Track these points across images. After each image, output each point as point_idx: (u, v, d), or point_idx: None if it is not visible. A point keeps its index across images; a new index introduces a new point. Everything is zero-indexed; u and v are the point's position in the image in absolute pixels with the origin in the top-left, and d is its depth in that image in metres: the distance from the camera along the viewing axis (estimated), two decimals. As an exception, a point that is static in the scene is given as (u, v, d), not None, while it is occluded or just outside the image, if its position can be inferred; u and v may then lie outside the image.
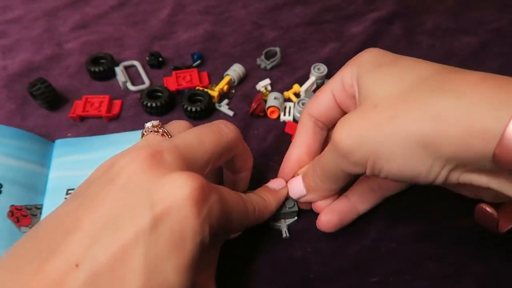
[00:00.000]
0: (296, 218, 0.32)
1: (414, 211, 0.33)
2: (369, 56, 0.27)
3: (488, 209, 0.24)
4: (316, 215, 0.33)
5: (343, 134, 0.24)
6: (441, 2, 0.55)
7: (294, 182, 0.31)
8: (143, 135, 0.27)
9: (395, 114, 0.22)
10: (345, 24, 0.52)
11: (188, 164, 0.23)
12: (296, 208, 0.32)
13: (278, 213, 0.31)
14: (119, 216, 0.19)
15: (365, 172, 0.25)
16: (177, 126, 0.28)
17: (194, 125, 0.40)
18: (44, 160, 0.36)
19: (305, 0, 0.56)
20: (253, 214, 0.28)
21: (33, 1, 0.55)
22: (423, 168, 0.22)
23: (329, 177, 0.28)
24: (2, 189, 0.32)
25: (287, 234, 0.31)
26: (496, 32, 0.51)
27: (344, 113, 0.30)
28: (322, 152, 0.28)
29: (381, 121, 0.23)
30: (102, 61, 0.45)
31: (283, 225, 0.32)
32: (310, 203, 0.32)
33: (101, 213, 0.20)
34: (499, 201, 0.25)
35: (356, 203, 0.31)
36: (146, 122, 0.41)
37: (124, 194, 0.20)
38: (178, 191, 0.20)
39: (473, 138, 0.20)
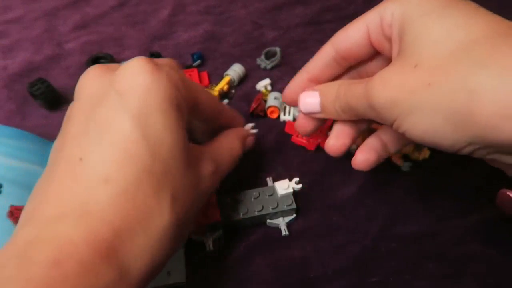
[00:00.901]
0: (294, 215, 0.32)
1: (414, 211, 0.33)
2: None
3: (511, 194, 0.24)
4: (316, 214, 0.33)
5: (378, 90, 0.23)
6: (441, 2, 0.55)
7: (309, 96, 0.29)
8: None
9: (432, 81, 0.21)
10: (345, 24, 0.52)
11: None
12: (294, 206, 0.32)
13: (276, 211, 0.31)
14: (95, 108, 0.22)
15: (390, 126, 0.24)
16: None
17: (194, 125, 0.40)
18: (44, 160, 0.36)
19: (305, 0, 0.56)
20: (221, 107, 0.30)
21: (33, 1, 0.55)
22: (447, 140, 0.22)
23: (351, 112, 0.26)
24: (2, 189, 0.32)
25: (286, 232, 0.31)
26: (496, 32, 0.51)
27: (374, 52, 0.28)
28: (354, 86, 0.26)
29: (417, 85, 0.22)
30: (102, 61, 0.45)
31: (282, 223, 0.32)
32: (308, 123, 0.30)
33: (80, 115, 0.23)
34: None
35: (387, 142, 0.29)
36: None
37: (91, 94, 0.23)
38: (131, 67, 0.23)
39: (507, 121, 0.19)
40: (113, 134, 0.21)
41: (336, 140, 0.29)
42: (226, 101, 0.42)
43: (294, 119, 0.40)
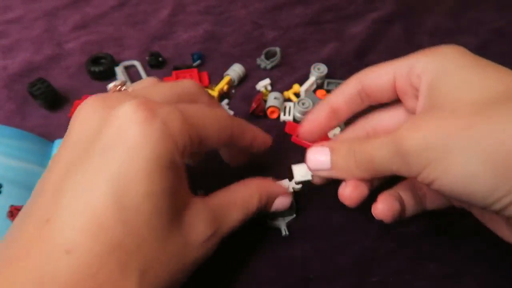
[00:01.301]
0: (294, 215, 0.32)
1: (414, 211, 0.33)
2: (451, 53, 0.24)
3: None
4: (316, 214, 0.33)
5: (411, 134, 0.22)
6: (441, 2, 0.55)
7: (319, 152, 0.27)
8: None
9: (473, 124, 0.20)
10: (345, 24, 0.52)
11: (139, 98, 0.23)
12: (294, 206, 0.31)
13: (276, 211, 0.31)
14: (76, 162, 0.20)
15: (414, 177, 0.23)
16: (142, 82, 0.28)
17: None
18: (44, 160, 0.36)
19: (305, 0, 0.56)
20: (231, 121, 0.26)
21: (33, 1, 0.55)
22: (485, 187, 0.20)
23: (370, 166, 0.25)
24: (2, 189, 0.32)
25: (286, 232, 0.31)
26: (496, 32, 0.51)
27: (395, 97, 0.28)
28: (373, 140, 0.25)
29: (455, 128, 0.21)
30: (102, 61, 0.45)
31: (282, 223, 0.32)
32: (321, 178, 0.29)
33: (58, 170, 0.21)
34: None
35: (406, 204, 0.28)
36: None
37: (78, 143, 0.21)
38: (121, 116, 0.20)
39: None
40: (86, 198, 0.19)
41: (354, 189, 0.27)
42: (226, 101, 0.42)
43: (294, 119, 0.40)
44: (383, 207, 0.27)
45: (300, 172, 0.30)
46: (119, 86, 0.26)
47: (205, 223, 0.23)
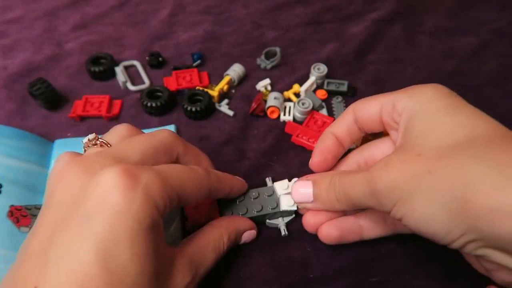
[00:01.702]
0: (294, 215, 0.32)
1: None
2: (430, 95, 0.26)
3: None
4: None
5: (382, 174, 0.24)
6: (441, 2, 0.55)
7: (302, 185, 0.30)
8: (84, 151, 0.27)
9: (432, 169, 0.22)
10: (345, 24, 0.52)
11: (119, 160, 0.24)
12: (294, 207, 0.31)
13: (276, 212, 0.31)
14: (58, 228, 0.21)
15: (387, 213, 0.25)
16: (115, 133, 0.28)
17: (194, 125, 0.40)
18: (44, 160, 0.36)
19: (305, 0, 0.56)
20: (208, 178, 0.27)
21: (33, 1, 0.55)
22: (441, 229, 0.22)
23: (348, 200, 0.27)
24: (1, 189, 0.32)
25: (286, 232, 0.31)
26: (496, 32, 0.51)
27: (381, 128, 0.30)
28: (351, 175, 0.27)
29: (418, 171, 0.23)
30: (102, 61, 0.45)
31: (282, 224, 0.32)
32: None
33: (42, 233, 0.21)
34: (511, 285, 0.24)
35: (364, 228, 0.30)
36: (146, 123, 0.41)
37: (56, 209, 0.22)
38: (103, 182, 0.21)
39: (502, 215, 0.19)
40: (72, 264, 0.19)
41: (312, 217, 0.30)
42: (226, 101, 0.42)
43: (294, 119, 0.40)
44: (324, 230, 0.30)
45: (287, 203, 0.31)
46: (94, 140, 0.26)
47: (183, 272, 0.24)
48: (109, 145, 0.26)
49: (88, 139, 0.26)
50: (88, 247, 0.19)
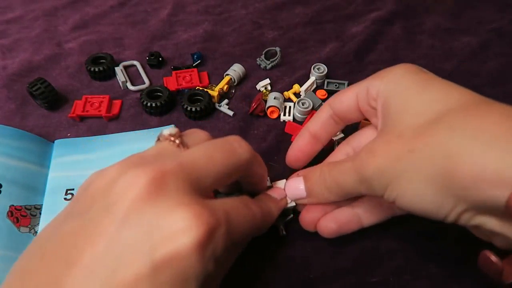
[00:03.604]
0: (292, 215, 0.32)
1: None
2: (400, 74, 0.27)
3: (492, 257, 0.23)
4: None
5: (367, 161, 0.24)
6: (441, 2, 0.55)
7: (294, 183, 0.30)
8: (158, 139, 0.25)
9: (414, 148, 0.23)
10: (345, 24, 0.52)
11: (194, 186, 0.22)
12: (293, 204, 0.31)
13: None
14: (120, 257, 0.19)
15: (381, 197, 0.25)
16: (195, 137, 0.26)
17: (194, 125, 0.40)
18: (44, 160, 0.36)
19: (305, 0, 0.56)
20: (262, 222, 0.27)
21: (33, 1, 0.55)
22: (433, 205, 0.22)
23: (340, 190, 0.27)
24: (1, 189, 0.32)
25: (284, 232, 0.31)
26: (496, 32, 0.51)
27: (363, 117, 0.30)
28: (339, 165, 0.27)
29: (401, 153, 0.23)
30: (102, 61, 0.45)
31: (280, 224, 0.32)
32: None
33: (102, 249, 0.19)
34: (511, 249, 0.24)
35: (361, 216, 0.30)
36: (146, 123, 0.41)
37: (124, 231, 0.19)
38: (182, 236, 0.19)
39: (484, 182, 0.20)
40: None
41: (307, 213, 0.30)
42: (226, 101, 0.42)
43: (294, 119, 0.40)
44: (322, 225, 0.30)
45: (280, 186, 0.31)
46: (174, 137, 0.24)
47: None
48: (185, 148, 0.24)
49: (170, 133, 0.24)
50: None
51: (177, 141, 0.24)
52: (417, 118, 0.24)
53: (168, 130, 0.25)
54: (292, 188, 0.30)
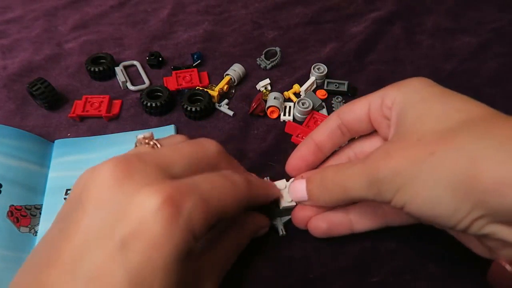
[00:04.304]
0: (291, 216, 0.32)
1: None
2: (418, 85, 0.27)
3: (508, 266, 0.22)
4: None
5: (382, 162, 0.24)
6: (441, 2, 0.55)
7: (297, 185, 0.30)
8: (135, 146, 0.27)
9: (435, 151, 0.22)
10: (345, 24, 0.52)
11: (162, 171, 0.22)
12: (293, 203, 0.31)
13: (274, 212, 0.31)
14: (92, 244, 0.20)
15: (386, 203, 0.24)
16: (171, 139, 0.27)
17: (194, 125, 0.40)
18: (44, 160, 0.36)
19: (305, 0, 0.56)
20: (248, 191, 0.26)
21: (33, 1, 0.55)
22: (448, 209, 0.22)
23: (343, 194, 0.27)
24: (1, 189, 0.32)
25: (284, 232, 0.31)
26: (496, 32, 0.51)
27: (372, 129, 0.30)
28: (347, 168, 0.27)
29: (419, 156, 0.23)
30: (102, 61, 0.45)
31: (279, 223, 0.32)
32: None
33: (78, 242, 0.20)
34: None
35: (353, 221, 0.30)
36: (146, 123, 0.41)
37: (94, 218, 0.20)
38: (146, 211, 0.20)
39: (508, 188, 0.20)
40: (103, 285, 0.19)
41: (300, 211, 0.30)
42: (226, 101, 0.42)
43: (294, 119, 0.40)
44: (312, 224, 0.30)
45: (286, 199, 0.31)
46: (148, 139, 0.26)
47: (212, 281, 0.25)
48: (158, 147, 0.26)
49: (144, 136, 0.26)
50: (122, 274, 0.19)
51: (151, 143, 0.26)
52: (439, 124, 0.23)
53: (143, 134, 0.26)
54: (295, 190, 0.30)
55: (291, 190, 0.30)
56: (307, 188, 0.29)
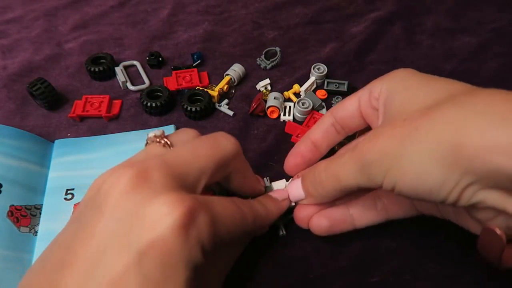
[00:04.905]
0: (292, 215, 0.32)
1: (414, 211, 0.33)
2: (403, 75, 0.27)
3: (497, 230, 0.23)
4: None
5: (369, 147, 0.24)
6: (441, 2, 0.55)
7: (293, 184, 0.30)
8: (146, 144, 0.26)
9: (418, 126, 0.22)
10: (345, 24, 0.52)
11: (178, 181, 0.22)
12: (293, 204, 0.31)
13: None
14: (108, 251, 0.20)
15: (379, 187, 0.24)
16: (182, 135, 0.27)
17: (194, 125, 0.40)
18: (44, 160, 0.36)
19: (305, 0, 0.56)
20: (253, 223, 0.27)
21: (33, 1, 0.55)
22: (436, 181, 0.22)
23: (337, 185, 0.27)
24: (1, 189, 0.32)
25: (284, 232, 0.31)
26: (496, 32, 0.51)
27: (364, 124, 0.30)
28: (337, 159, 0.27)
29: (404, 133, 0.23)
30: (102, 61, 0.45)
31: (280, 224, 0.32)
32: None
33: (93, 248, 0.20)
34: (509, 236, 0.23)
35: (354, 216, 0.30)
36: (146, 123, 0.41)
37: (111, 224, 0.20)
38: (163, 221, 0.20)
39: (496, 153, 0.20)
40: None
41: (302, 211, 0.30)
42: (226, 101, 0.42)
43: (294, 119, 0.40)
44: (314, 222, 0.30)
45: (280, 186, 0.31)
46: (159, 138, 0.26)
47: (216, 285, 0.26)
48: (171, 147, 0.25)
49: (154, 135, 0.26)
50: (137, 284, 0.19)
51: (163, 141, 0.25)
52: (423, 103, 0.24)
53: (153, 132, 0.26)
54: (293, 190, 0.30)
55: (290, 191, 0.31)
56: (303, 186, 0.29)
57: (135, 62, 0.46)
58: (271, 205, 0.29)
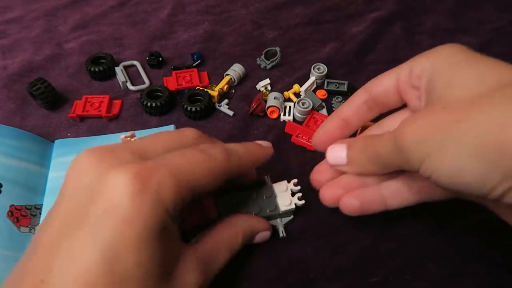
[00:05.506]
0: (292, 217, 0.32)
1: (414, 211, 0.33)
2: (448, 52, 0.25)
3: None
4: (316, 214, 0.33)
5: (407, 131, 0.23)
6: (441, 2, 0.55)
7: (337, 148, 0.29)
8: None
9: (462, 118, 0.21)
10: (345, 24, 0.52)
11: (136, 154, 0.23)
12: (293, 206, 0.31)
13: (274, 213, 0.31)
14: (71, 225, 0.20)
15: (416, 171, 0.24)
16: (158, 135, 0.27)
17: (194, 125, 0.40)
18: (44, 160, 0.36)
19: (305, 0, 0.56)
20: (227, 162, 0.25)
21: (33, 1, 0.55)
22: (476, 178, 0.21)
23: (378, 162, 0.26)
24: (1, 189, 0.32)
25: (284, 234, 0.31)
26: (496, 32, 0.51)
27: (401, 101, 0.29)
28: (379, 135, 0.26)
29: (446, 123, 0.22)
30: (102, 61, 0.45)
31: (280, 225, 0.32)
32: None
33: (56, 225, 0.21)
34: None
35: (387, 197, 0.29)
36: (146, 123, 0.41)
37: (71, 203, 0.21)
38: (114, 185, 0.20)
39: None
40: (78, 263, 0.19)
41: (328, 188, 0.30)
42: (226, 101, 0.42)
43: (294, 119, 0.40)
44: (344, 201, 0.29)
45: (285, 203, 0.31)
46: (129, 137, 0.26)
47: (196, 273, 0.24)
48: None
49: (125, 136, 0.27)
50: (96, 251, 0.19)
51: (133, 139, 0.26)
52: (468, 90, 0.22)
53: (124, 134, 0.27)
54: (334, 154, 0.29)
55: (329, 154, 0.30)
56: (348, 153, 0.29)
57: (135, 62, 0.46)
58: (253, 146, 0.29)
